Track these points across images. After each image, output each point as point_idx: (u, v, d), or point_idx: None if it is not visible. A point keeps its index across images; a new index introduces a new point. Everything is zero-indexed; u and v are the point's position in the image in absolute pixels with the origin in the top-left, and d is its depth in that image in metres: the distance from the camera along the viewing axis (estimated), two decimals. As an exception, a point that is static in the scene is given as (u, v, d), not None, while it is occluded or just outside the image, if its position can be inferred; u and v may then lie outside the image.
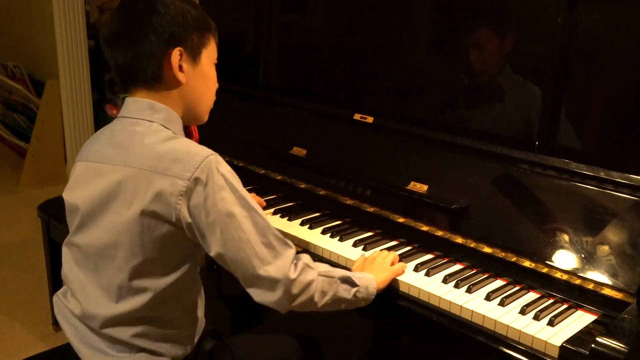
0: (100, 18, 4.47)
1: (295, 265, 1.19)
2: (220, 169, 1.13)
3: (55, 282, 2.17)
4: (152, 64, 1.17)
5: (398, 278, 1.39)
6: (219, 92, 1.33)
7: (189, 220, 1.12)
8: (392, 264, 1.41)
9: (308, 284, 1.20)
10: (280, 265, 1.16)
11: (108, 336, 1.20)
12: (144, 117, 1.19)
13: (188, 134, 1.30)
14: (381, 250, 1.50)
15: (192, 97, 1.24)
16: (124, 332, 1.18)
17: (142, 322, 1.19)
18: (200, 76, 1.24)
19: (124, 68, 1.19)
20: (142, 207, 1.12)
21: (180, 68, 1.19)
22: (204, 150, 1.14)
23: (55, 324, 2.34)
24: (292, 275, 1.17)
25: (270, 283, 1.16)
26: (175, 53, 1.18)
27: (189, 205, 1.11)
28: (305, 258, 1.23)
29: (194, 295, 1.27)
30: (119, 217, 1.15)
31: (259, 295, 1.18)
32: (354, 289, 1.29)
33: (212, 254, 1.16)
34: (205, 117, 1.31)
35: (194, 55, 1.22)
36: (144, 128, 1.18)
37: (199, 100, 1.26)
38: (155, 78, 1.19)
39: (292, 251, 1.20)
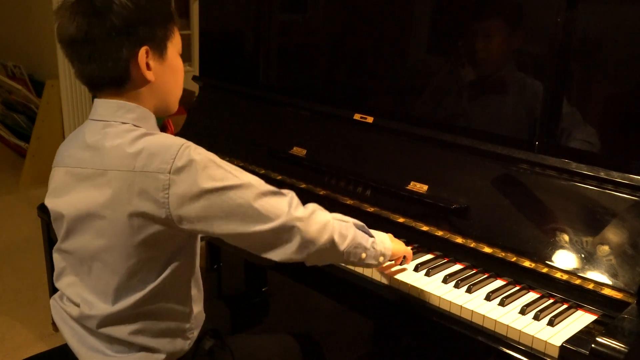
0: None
1: (299, 203, 1.18)
2: (198, 154, 1.11)
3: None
4: (119, 65, 1.13)
5: (399, 278, 1.39)
6: (219, 92, 1.32)
7: (179, 212, 1.10)
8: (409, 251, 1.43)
9: (325, 224, 1.19)
10: (288, 211, 1.15)
11: (106, 336, 1.19)
12: (115, 118, 1.16)
13: (163, 127, 1.28)
14: None
15: (162, 92, 1.22)
16: (122, 331, 1.18)
17: (139, 317, 1.18)
18: (169, 70, 1.21)
19: (89, 71, 1.15)
20: (130, 209, 1.10)
21: (148, 66, 1.16)
22: (178, 140, 1.12)
23: (55, 324, 2.34)
24: (303, 214, 1.16)
25: (286, 232, 1.15)
26: (142, 52, 1.14)
27: (176, 196, 1.08)
28: (314, 205, 1.22)
29: (190, 289, 1.25)
30: (107, 222, 1.13)
31: (279, 253, 1.17)
32: (371, 240, 1.29)
33: (217, 234, 1.14)
34: (175, 107, 1.28)
35: (160, 50, 1.18)
36: (116, 129, 1.15)
37: (169, 92, 1.24)
38: (122, 79, 1.15)
39: (292, 194, 1.19)
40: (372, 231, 1.33)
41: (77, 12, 1.11)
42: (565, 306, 1.30)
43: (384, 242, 1.33)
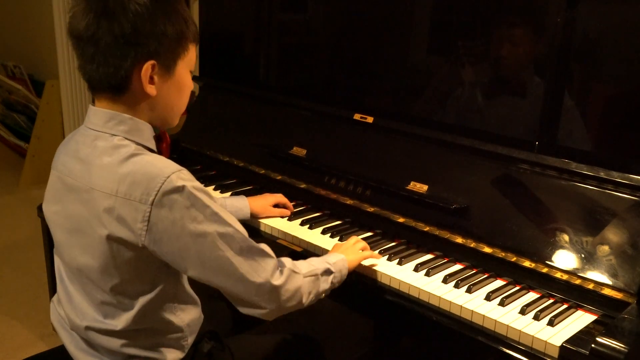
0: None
1: (281, 272, 1.17)
2: (185, 187, 1.05)
3: (55, 282, 2.16)
4: (120, 74, 1.08)
5: (399, 278, 1.39)
6: (219, 92, 1.31)
7: (155, 247, 1.07)
8: (362, 249, 1.45)
9: (296, 290, 1.19)
10: (264, 276, 1.13)
11: (99, 344, 1.19)
12: (105, 129, 1.11)
13: (158, 138, 1.20)
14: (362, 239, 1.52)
15: (162, 107, 1.16)
16: (113, 343, 1.17)
17: (130, 335, 1.17)
18: (174, 86, 1.15)
19: (89, 71, 1.10)
20: (108, 232, 1.07)
21: (151, 80, 1.10)
22: (166, 168, 1.06)
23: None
24: (278, 282, 1.15)
25: (257, 297, 1.13)
26: (147, 66, 1.09)
27: (155, 231, 1.05)
28: (289, 263, 1.21)
29: (182, 300, 1.23)
30: (90, 241, 1.10)
31: (247, 310, 1.15)
32: (331, 277, 1.30)
33: (189, 275, 1.12)
34: (175, 122, 1.22)
35: (168, 66, 1.12)
36: (105, 143, 1.10)
37: (169, 109, 1.17)
38: (121, 87, 1.10)
39: (273, 260, 1.16)
40: (333, 261, 1.33)
41: (90, 9, 1.07)
42: (565, 306, 1.30)
43: (342, 270, 1.34)
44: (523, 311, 1.26)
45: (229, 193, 1.85)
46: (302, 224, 1.66)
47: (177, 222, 1.05)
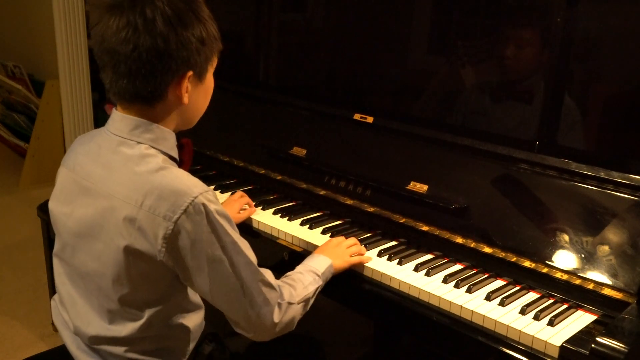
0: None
1: (279, 306, 1.18)
2: (209, 211, 1.06)
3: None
4: (160, 88, 1.09)
5: (399, 278, 1.39)
6: (218, 92, 1.32)
7: (173, 262, 1.08)
8: (352, 254, 1.45)
9: (291, 320, 1.21)
10: (265, 311, 1.15)
11: (102, 350, 1.19)
12: (132, 137, 1.11)
13: (180, 146, 1.22)
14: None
15: (191, 113, 1.19)
16: (117, 349, 1.17)
17: (135, 342, 1.17)
18: (202, 92, 1.18)
19: (124, 85, 1.08)
20: (127, 243, 1.06)
21: (186, 89, 1.12)
22: (195, 188, 1.06)
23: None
24: (277, 319, 1.17)
25: (254, 326, 1.16)
26: (187, 77, 1.10)
27: (174, 248, 1.06)
28: (287, 293, 1.21)
29: (188, 309, 1.24)
30: (104, 248, 1.10)
31: (242, 332, 1.18)
32: (318, 288, 1.32)
33: (197, 292, 1.15)
34: (194, 123, 1.24)
35: (201, 74, 1.15)
36: (131, 150, 1.10)
37: (197, 114, 1.21)
38: (157, 98, 1.10)
39: (277, 294, 1.18)
40: (322, 270, 1.34)
41: (127, 23, 1.04)
42: (565, 306, 1.30)
43: (328, 277, 1.36)
44: (523, 311, 1.26)
45: (229, 193, 1.85)
46: (302, 224, 1.66)
47: (197, 243, 1.06)
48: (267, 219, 1.69)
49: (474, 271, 1.44)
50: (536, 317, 1.24)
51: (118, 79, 1.08)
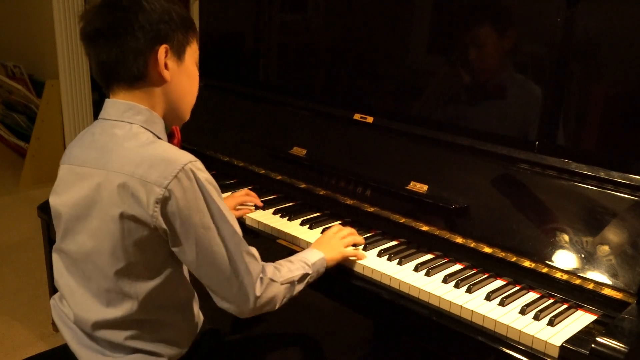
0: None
1: (261, 280, 1.20)
2: (198, 178, 1.12)
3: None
4: (138, 60, 1.16)
5: (399, 278, 1.39)
6: (219, 92, 1.32)
7: (165, 227, 1.11)
8: (347, 245, 1.47)
9: (272, 298, 1.23)
10: (247, 281, 1.18)
11: (103, 339, 1.20)
12: (124, 119, 1.18)
13: (170, 134, 1.28)
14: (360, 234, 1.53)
15: (176, 95, 1.23)
16: (117, 335, 1.19)
17: (133, 325, 1.19)
18: (185, 74, 1.24)
19: (107, 65, 1.17)
20: (121, 210, 1.11)
21: (166, 66, 1.18)
22: (183, 157, 1.13)
23: (55, 323, 2.34)
24: (258, 292, 1.19)
25: (236, 297, 1.18)
26: (162, 50, 1.17)
27: (165, 213, 1.10)
28: (270, 270, 1.24)
29: (183, 295, 1.27)
30: (100, 222, 1.14)
31: (222, 303, 1.20)
32: (307, 278, 1.33)
33: (185, 261, 1.17)
34: (187, 116, 1.30)
35: (179, 53, 1.21)
36: (124, 131, 1.17)
37: (183, 98, 1.26)
38: (139, 75, 1.17)
39: (259, 267, 1.21)
40: (312, 261, 1.35)
41: (104, 8, 1.16)
42: (565, 306, 1.30)
43: (319, 270, 1.37)
44: (523, 311, 1.26)
45: (229, 193, 1.85)
46: (302, 224, 1.66)
47: (185, 209, 1.10)
48: (267, 219, 1.69)
49: (474, 271, 1.44)
50: (536, 317, 1.24)
51: (103, 61, 1.16)
